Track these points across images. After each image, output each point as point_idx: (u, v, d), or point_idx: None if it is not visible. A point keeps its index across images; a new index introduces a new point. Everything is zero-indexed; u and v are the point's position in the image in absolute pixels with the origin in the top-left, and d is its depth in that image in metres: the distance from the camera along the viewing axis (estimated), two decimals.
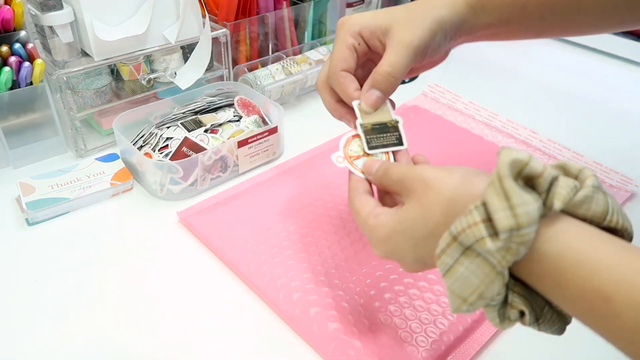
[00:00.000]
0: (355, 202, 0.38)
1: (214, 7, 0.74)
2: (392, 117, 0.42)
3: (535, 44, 1.06)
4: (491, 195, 0.27)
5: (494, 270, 0.27)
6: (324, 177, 0.60)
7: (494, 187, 0.27)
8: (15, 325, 0.43)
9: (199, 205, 0.56)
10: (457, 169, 0.32)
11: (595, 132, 0.75)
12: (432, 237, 0.31)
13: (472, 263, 0.28)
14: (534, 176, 0.27)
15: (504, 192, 0.26)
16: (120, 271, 0.49)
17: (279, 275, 0.47)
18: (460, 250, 0.28)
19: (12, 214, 0.55)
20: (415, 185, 0.33)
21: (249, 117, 0.65)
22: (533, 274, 0.27)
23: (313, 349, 0.42)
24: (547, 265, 0.27)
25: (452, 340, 0.42)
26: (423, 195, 0.32)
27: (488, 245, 0.26)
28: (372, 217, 0.36)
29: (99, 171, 0.58)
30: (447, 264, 0.29)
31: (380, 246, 0.35)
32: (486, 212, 0.27)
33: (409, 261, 0.34)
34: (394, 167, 0.37)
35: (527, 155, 0.27)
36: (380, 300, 0.45)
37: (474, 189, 0.30)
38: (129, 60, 0.64)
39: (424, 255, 0.32)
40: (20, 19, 0.58)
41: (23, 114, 0.60)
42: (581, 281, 0.25)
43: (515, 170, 0.27)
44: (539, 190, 0.27)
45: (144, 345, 0.42)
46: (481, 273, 0.27)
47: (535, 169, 0.27)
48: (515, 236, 0.26)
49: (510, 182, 0.26)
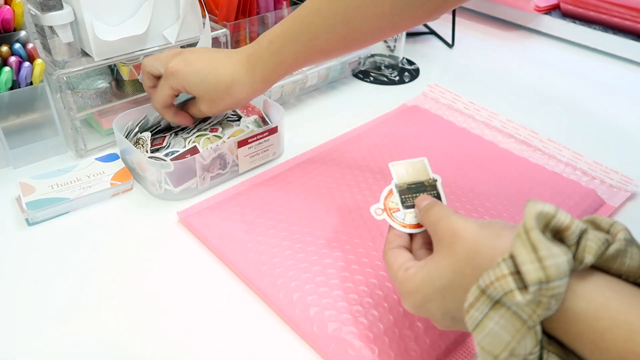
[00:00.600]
0: (389, 255, 0.38)
1: (214, 7, 0.74)
2: (430, 175, 0.42)
3: (535, 44, 1.06)
4: (518, 248, 0.26)
5: (525, 325, 0.26)
6: (324, 177, 0.60)
7: (521, 240, 0.26)
8: (15, 326, 0.43)
9: (199, 205, 0.56)
10: (486, 222, 0.32)
11: (595, 132, 0.75)
12: (460, 289, 0.30)
13: (502, 318, 0.27)
14: (561, 229, 0.27)
15: (531, 244, 0.26)
16: (120, 271, 0.49)
17: (279, 275, 0.47)
18: (490, 304, 0.27)
19: (12, 214, 0.55)
20: (445, 233, 0.33)
21: (249, 117, 0.65)
22: (569, 333, 0.27)
23: (313, 349, 0.42)
24: (583, 325, 0.26)
25: (452, 340, 0.42)
26: (451, 245, 0.32)
27: (517, 299, 0.26)
28: (402, 270, 0.36)
29: (99, 171, 0.58)
30: (476, 319, 0.28)
31: (410, 298, 0.35)
32: (514, 265, 0.26)
33: (438, 315, 0.33)
34: (437, 207, 0.36)
35: (553, 208, 0.27)
36: (381, 300, 0.45)
37: (501, 241, 0.29)
38: (129, 60, 0.64)
39: (453, 308, 0.32)
40: (20, 19, 0.58)
41: (23, 114, 0.60)
42: (621, 343, 0.24)
43: (542, 222, 0.26)
44: (568, 243, 0.27)
45: (144, 345, 0.42)
46: (512, 328, 0.26)
47: (562, 222, 0.27)
48: (545, 289, 0.25)
49: (537, 234, 0.26)
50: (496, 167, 0.63)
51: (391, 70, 0.90)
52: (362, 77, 0.88)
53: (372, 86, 0.86)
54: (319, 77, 0.80)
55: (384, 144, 0.67)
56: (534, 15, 1.09)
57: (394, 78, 0.88)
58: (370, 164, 0.63)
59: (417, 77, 0.89)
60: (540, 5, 1.08)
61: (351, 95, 0.82)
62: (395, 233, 0.39)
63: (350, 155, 0.65)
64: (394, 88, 0.85)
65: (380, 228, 0.52)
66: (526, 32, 1.11)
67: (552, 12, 1.09)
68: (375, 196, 0.57)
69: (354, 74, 0.88)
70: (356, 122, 0.73)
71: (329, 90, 0.83)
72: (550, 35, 1.09)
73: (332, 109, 0.78)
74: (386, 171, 0.60)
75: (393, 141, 0.68)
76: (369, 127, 0.72)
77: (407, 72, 0.90)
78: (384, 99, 0.80)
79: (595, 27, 1.02)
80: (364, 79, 0.87)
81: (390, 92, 0.84)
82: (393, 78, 0.88)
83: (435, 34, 1.07)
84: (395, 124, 0.72)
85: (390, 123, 0.72)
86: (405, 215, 0.40)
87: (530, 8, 1.08)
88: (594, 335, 0.25)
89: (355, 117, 0.75)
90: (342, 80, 0.86)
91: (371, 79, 0.87)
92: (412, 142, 0.67)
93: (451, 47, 1.02)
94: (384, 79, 0.87)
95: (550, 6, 1.10)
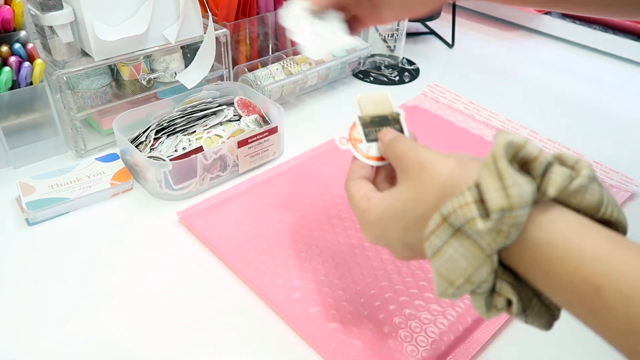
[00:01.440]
0: (351, 186, 0.37)
1: (214, 7, 0.74)
2: (394, 109, 0.42)
3: (535, 44, 1.06)
4: (485, 176, 0.26)
5: (484, 253, 0.27)
6: (324, 177, 0.60)
7: (488, 169, 0.26)
8: (15, 325, 0.43)
9: (199, 205, 0.56)
10: (454, 154, 0.32)
11: (595, 132, 0.75)
12: (423, 221, 0.30)
13: (462, 245, 0.27)
14: (529, 160, 0.27)
15: (498, 172, 0.26)
16: (120, 271, 0.49)
17: (279, 274, 0.47)
18: (450, 231, 0.27)
19: (12, 214, 0.55)
20: (411, 165, 0.33)
21: (249, 117, 0.65)
22: (523, 261, 0.27)
23: (313, 348, 0.42)
24: (537, 252, 0.26)
25: (452, 340, 0.42)
26: (417, 177, 0.32)
27: (479, 226, 0.26)
28: (364, 201, 0.35)
29: (99, 171, 0.58)
30: (435, 246, 0.28)
31: (370, 229, 0.35)
32: (479, 194, 0.27)
33: (397, 247, 0.33)
34: (402, 140, 0.36)
35: (523, 139, 0.27)
36: (381, 299, 0.45)
37: (468, 173, 0.29)
38: (129, 60, 0.64)
39: (414, 240, 0.32)
40: (20, 19, 0.58)
41: (23, 114, 0.60)
42: (571, 271, 0.25)
43: (511, 152, 0.27)
44: (534, 174, 0.27)
45: (144, 345, 0.42)
46: (470, 256, 0.27)
47: (530, 153, 0.27)
48: (507, 217, 0.25)
49: (504, 163, 0.26)
50: None
51: (391, 70, 0.90)
52: (362, 77, 0.88)
53: (372, 86, 0.85)
54: (319, 77, 0.80)
55: None
56: (534, 15, 1.09)
57: (394, 78, 0.88)
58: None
59: (417, 77, 0.89)
60: None
61: (351, 95, 0.82)
62: (359, 164, 0.39)
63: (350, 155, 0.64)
64: (394, 88, 0.85)
65: None
66: (526, 32, 1.11)
67: (552, 12, 1.09)
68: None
69: (354, 74, 0.88)
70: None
71: (329, 90, 0.83)
72: (550, 35, 1.09)
73: (332, 109, 0.78)
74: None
75: None
76: None
77: (407, 72, 0.90)
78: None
79: (595, 27, 1.02)
80: (364, 79, 0.87)
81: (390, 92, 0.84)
82: (393, 78, 0.88)
83: (435, 34, 1.07)
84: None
85: None
86: (369, 147, 0.39)
87: (530, 8, 1.08)
88: (547, 263, 0.26)
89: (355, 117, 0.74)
90: (342, 80, 0.86)
91: (371, 79, 0.87)
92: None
93: (451, 47, 1.02)
94: (384, 79, 0.87)
95: None
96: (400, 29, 0.85)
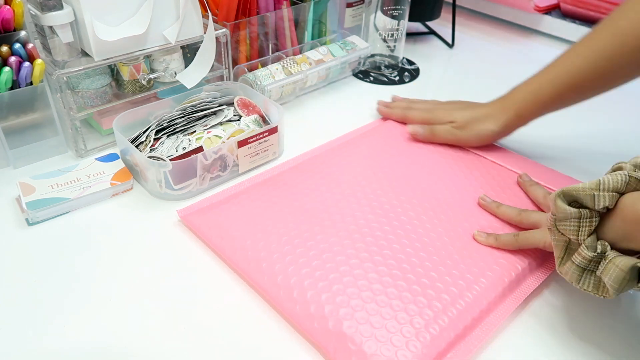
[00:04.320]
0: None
1: (214, 7, 0.74)
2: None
3: (535, 44, 1.06)
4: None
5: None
6: (324, 177, 0.60)
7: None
8: (15, 326, 0.43)
9: (199, 204, 0.56)
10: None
11: (595, 132, 0.75)
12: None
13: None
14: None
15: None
16: (120, 271, 0.49)
17: (279, 272, 0.47)
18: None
19: (12, 214, 0.55)
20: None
21: (249, 117, 0.65)
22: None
23: (314, 345, 0.42)
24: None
25: (452, 337, 0.42)
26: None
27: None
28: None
29: (99, 171, 0.58)
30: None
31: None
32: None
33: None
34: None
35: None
36: (383, 295, 0.45)
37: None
38: (129, 60, 0.64)
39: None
40: (20, 19, 0.58)
41: (23, 114, 0.60)
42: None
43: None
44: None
45: (144, 345, 0.42)
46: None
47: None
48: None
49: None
50: (497, 160, 0.63)
51: (391, 70, 0.90)
52: (362, 77, 0.88)
53: (372, 86, 0.86)
54: (319, 77, 0.80)
55: (384, 144, 0.67)
56: (534, 15, 1.09)
57: (394, 78, 0.88)
58: (371, 163, 0.63)
59: (417, 77, 0.89)
60: (540, 5, 1.08)
61: (351, 95, 0.82)
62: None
63: (350, 155, 0.64)
64: (394, 88, 0.85)
65: (379, 227, 0.52)
66: (526, 32, 1.11)
67: (552, 12, 1.09)
68: (375, 194, 0.56)
69: (354, 74, 0.88)
70: (356, 122, 0.73)
71: (329, 90, 0.84)
72: (550, 35, 1.09)
73: (332, 109, 0.78)
74: (386, 170, 0.60)
75: (393, 141, 0.68)
76: (369, 127, 0.72)
77: (407, 72, 0.90)
78: (384, 99, 0.80)
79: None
80: (364, 79, 0.87)
81: (391, 92, 0.84)
82: (393, 78, 0.88)
83: (435, 34, 1.07)
84: (395, 123, 0.72)
85: (391, 123, 0.72)
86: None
87: (530, 8, 1.08)
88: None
89: (356, 117, 0.75)
90: (342, 80, 0.86)
91: (371, 79, 0.87)
92: (413, 142, 0.67)
93: (451, 47, 1.02)
94: (384, 79, 0.88)
95: (550, 6, 1.10)
96: (400, 29, 0.85)
